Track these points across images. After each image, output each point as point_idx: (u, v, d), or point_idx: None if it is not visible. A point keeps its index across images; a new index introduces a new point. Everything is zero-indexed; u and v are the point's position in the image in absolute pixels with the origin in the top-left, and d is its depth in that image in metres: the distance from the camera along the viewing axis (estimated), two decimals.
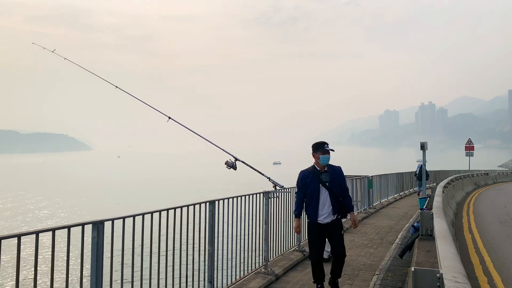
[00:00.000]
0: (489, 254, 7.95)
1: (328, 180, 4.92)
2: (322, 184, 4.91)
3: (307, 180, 5.00)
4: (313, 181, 4.94)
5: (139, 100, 4.73)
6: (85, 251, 3.46)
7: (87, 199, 45.07)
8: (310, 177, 4.97)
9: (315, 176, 4.95)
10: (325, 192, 4.92)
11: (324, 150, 4.91)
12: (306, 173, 5.06)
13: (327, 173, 4.97)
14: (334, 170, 5.03)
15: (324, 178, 4.94)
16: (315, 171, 5.00)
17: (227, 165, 3.95)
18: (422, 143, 15.07)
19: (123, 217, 3.85)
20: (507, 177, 38.06)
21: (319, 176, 4.95)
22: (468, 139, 32.04)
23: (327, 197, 4.92)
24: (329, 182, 4.92)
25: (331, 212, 4.94)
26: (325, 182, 4.91)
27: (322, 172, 4.97)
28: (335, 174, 5.01)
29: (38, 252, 3.05)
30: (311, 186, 4.95)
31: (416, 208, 13.67)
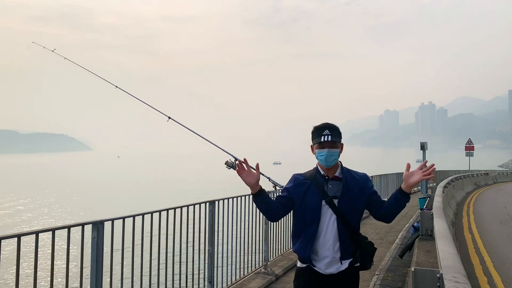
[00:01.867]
0: (489, 254, 7.95)
1: (338, 194, 2.72)
2: (326, 201, 2.71)
3: (300, 190, 2.77)
4: (311, 194, 2.74)
5: (139, 100, 4.73)
6: (85, 251, 3.46)
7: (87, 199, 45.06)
8: (306, 186, 2.77)
9: (316, 186, 2.75)
10: (331, 216, 2.71)
11: (320, 142, 2.71)
12: (301, 178, 2.82)
13: (337, 182, 2.76)
14: (352, 179, 2.78)
15: (331, 191, 2.74)
16: (317, 177, 2.79)
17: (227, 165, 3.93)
18: (422, 143, 15.09)
19: (123, 217, 3.85)
20: (507, 177, 38.05)
21: (322, 187, 2.75)
22: (468, 139, 32.05)
23: (334, 225, 2.70)
24: (341, 199, 2.71)
25: (338, 254, 2.71)
26: (333, 198, 2.72)
27: (329, 179, 2.77)
28: (354, 186, 2.75)
29: (38, 252, 3.05)
30: (306, 201, 2.74)
31: (416, 208, 13.67)
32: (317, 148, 2.74)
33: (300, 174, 2.87)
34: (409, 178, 2.63)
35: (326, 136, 2.67)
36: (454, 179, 19.09)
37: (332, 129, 2.70)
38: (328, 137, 2.66)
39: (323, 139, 2.66)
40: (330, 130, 2.69)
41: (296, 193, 2.76)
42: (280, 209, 2.75)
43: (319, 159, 2.73)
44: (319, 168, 2.81)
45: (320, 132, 2.71)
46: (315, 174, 2.78)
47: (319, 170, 2.80)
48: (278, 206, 2.74)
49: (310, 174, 2.81)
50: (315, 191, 2.72)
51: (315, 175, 2.78)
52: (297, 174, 2.89)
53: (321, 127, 2.72)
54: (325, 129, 2.71)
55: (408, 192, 2.63)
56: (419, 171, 2.62)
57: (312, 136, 2.76)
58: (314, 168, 2.85)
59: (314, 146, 2.77)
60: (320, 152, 2.71)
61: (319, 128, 2.74)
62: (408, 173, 2.65)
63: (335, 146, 2.69)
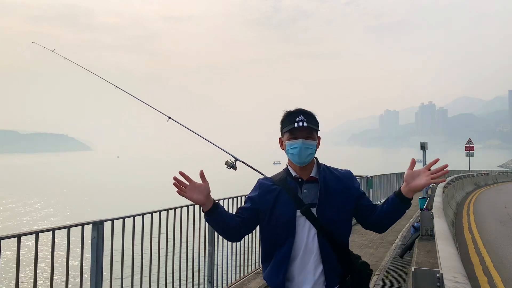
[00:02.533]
0: (489, 254, 7.95)
1: (316, 200, 2.10)
2: (302, 211, 2.09)
3: (268, 199, 2.16)
4: (283, 203, 2.12)
5: (139, 100, 4.73)
6: (85, 251, 3.47)
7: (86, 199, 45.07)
8: (275, 194, 2.15)
9: (288, 192, 2.13)
10: (310, 229, 2.09)
11: (292, 128, 2.10)
12: (268, 184, 2.21)
13: (314, 184, 2.15)
14: (333, 179, 2.18)
15: (306, 197, 2.13)
16: (288, 180, 2.18)
17: (227, 165, 3.92)
18: (422, 143, 15.10)
19: (123, 217, 3.85)
20: (507, 177, 38.06)
21: (296, 192, 2.14)
22: (468, 139, 32.06)
23: (315, 241, 2.07)
24: (320, 206, 2.10)
25: (322, 279, 2.07)
26: (310, 206, 2.10)
27: (304, 182, 2.16)
28: (336, 188, 2.15)
29: (38, 252, 3.05)
30: (277, 213, 2.12)
31: (416, 208, 13.67)
32: (288, 139, 2.11)
33: (266, 178, 2.30)
34: (412, 179, 2.00)
35: (301, 122, 2.06)
36: (454, 179, 19.10)
37: (307, 115, 2.11)
38: (304, 123, 2.06)
39: (296, 125, 2.06)
40: (306, 115, 2.10)
41: (263, 203, 2.13)
42: (241, 226, 2.13)
43: (291, 153, 2.12)
44: (290, 168, 2.19)
45: (292, 117, 2.10)
46: (285, 177, 2.16)
47: (289, 171, 2.18)
48: (239, 223, 2.12)
49: (279, 177, 2.19)
50: (286, 199, 2.09)
51: (285, 178, 2.16)
52: (262, 178, 2.30)
53: (294, 111, 2.12)
54: (299, 114, 2.10)
55: (409, 197, 2.02)
56: (426, 172, 1.99)
57: (282, 125, 2.16)
58: (283, 170, 2.23)
59: (284, 137, 2.15)
60: (292, 144, 2.09)
61: (291, 113, 2.12)
62: (411, 172, 2.01)
63: (312, 137, 2.10)
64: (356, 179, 2.27)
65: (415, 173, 2.02)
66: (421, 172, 2.01)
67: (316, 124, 2.14)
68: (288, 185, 2.15)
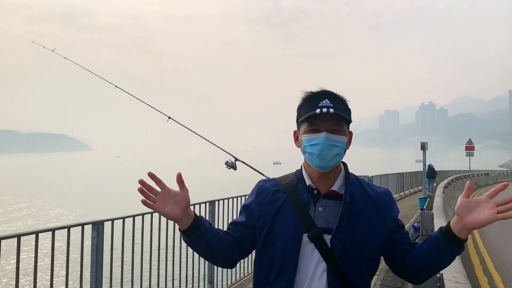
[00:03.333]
0: (489, 254, 7.95)
1: (334, 226, 1.46)
2: (311, 237, 1.45)
3: (268, 211, 1.53)
4: (286, 219, 1.49)
5: (139, 99, 4.73)
6: (85, 251, 3.46)
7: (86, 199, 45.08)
8: (279, 205, 1.52)
9: (295, 205, 1.50)
10: (319, 263, 1.45)
11: (312, 116, 1.44)
12: (271, 189, 1.57)
13: (335, 202, 1.50)
14: (365, 200, 1.52)
15: (321, 218, 1.48)
16: (299, 189, 1.53)
17: (227, 165, 3.92)
18: (422, 143, 15.08)
19: (123, 217, 3.85)
20: (507, 177, 38.06)
21: (306, 208, 1.49)
22: (468, 139, 32.06)
23: (323, 279, 1.44)
24: (338, 234, 1.45)
25: None
26: (323, 232, 1.46)
27: (321, 195, 1.51)
28: (368, 213, 1.50)
29: (38, 252, 3.05)
30: (276, 232, 1.50)
31: (416, 208, 13.67)
32: (306, 132, 1.47)
33: (270, 179, 1.63)
34: (469, 212, 1.33)
35: (326, 108, 1.42)
36: (455, 179, 19.11)
37: (336, 98, 1.48)
38: (329, 109, 1.42)
39: (319, 111, 1.41)
40: (333, 99, 1.46)
41: (262, 217, 1.52)
42: (233, 250, 1.53)
43: (308, 152, 1.47)
44: (305, 173, 1.54)
45: (314, 100, 1.46)
46: (296, 184, 1.52)
47: (303, 176, 1.53)
48: (231, 246, 1.53)
49: (287, 182, 1.55)
50: (292, 215, 1.47)
51: (295, 185, 1.52)
52: (264, 180, 1.64)
53: (317, 93, 1.49)
54: (323, 96, 1.46)
55: (462, 237, 1.36)
56: (489, 203, 1.32)
57: (299, 111, 1.52)
58: (295, 172, 1.59)
59: (301, 130, 1.50)
60: (311, 140, 1.45)
61: (313, 94, 1.49)
62: (467, 202, 1.34)
63: (340, 131, 1.47)
64: (395, 204, 1.60)
65: (473, 203, 1.33)
66: (481, 203, 1.33)
67: (348, 113, 1.50)
68: (298, 196, 1.49)
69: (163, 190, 1.41)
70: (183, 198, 1.42)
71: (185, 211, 1.43)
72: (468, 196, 1.36)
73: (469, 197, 1.35)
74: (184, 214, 1.43)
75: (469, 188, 1.36)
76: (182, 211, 1.42)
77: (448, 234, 1.38)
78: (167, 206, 1.40)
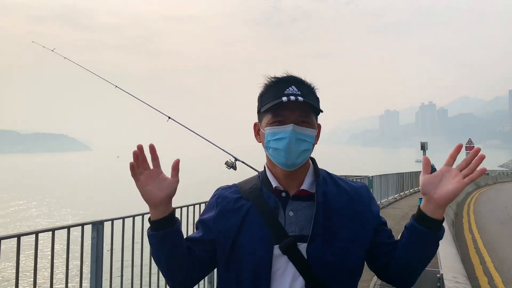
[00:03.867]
0: (489, 254, 7.94)
1: (308, 230, 1.24)
2: (283, 249, 1.23)
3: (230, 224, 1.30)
4: (252, 231, 1.26)
5: (139, 99, 4.72)
6: (85, 251, 3.46)
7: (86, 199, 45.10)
8: (242, 214, 1.29)
9: (262, 213, 1.27)
10: (295, 278, 1.22)
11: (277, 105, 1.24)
12: (231, 197, 1.34)
13: (307, 203, 1.29)
14: (339, 196, 1.32)
15: (293, 225, 1.26)
16: (265, 193, 1.31)
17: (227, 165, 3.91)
18: (422, 143, 15.09)
19: (123, 217, 3.84)
20: (507, 177, 38.08)
21: (275, 214, 1.27)
22: (468, 139, 32.06)
23: None
24: (314, 241, 1.23)
25: None
26: (296, 240, 1.24)
27: (290, 197, 1.30)
28: (343, 210, 1.29)
29: (38, 252, 3.05)
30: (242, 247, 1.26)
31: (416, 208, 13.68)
32: (269, 124, 1.27)
33: (230, 187, 1.40)
34: (435, 188, 1.20)
35: (294, 96, 1.22)
36: None
37: (303, 85, 1.29)
38: (297, 97, 1.22)
39: (286, 99, 1.21)
40: (301, 86, 1.28)
41: (222, 232, 1.29)
42: (192, 268, 1.32)
43: (272, 148, 1.27)
44: (269, 173, 1.34)
45: (279, 87, 1.27)
46: (260, 188, 1.32)
47: (267, 178, 1.33)
48: (190, 262, 1.31)
49: (250, 186, 1.34)
50: (259, 225, 1.26)
51: (259, 190, 1.32)
52: (224, 187, 1.41)
53: (283, 79, 1.29)
54: (290, 82, 1.27)
55: (437, 217, 1.21)
56: (451, 171, 1.21)
57: (261, 100, 1.33)
58: (258, 175, 1.40)
59: (263, 121, 1.30)
60: (275, 133, 1.25)
61: (278, 81, 1.29)
62: (429, 178, 1.21)
63: (309, 123, 1.27)
64: (374, 200, 1.40)
65: (435, 178, 1.21)
66: (444, 174, 1.20)
67: (317, 102, 1.30)
68: (264, 201, 1.28)
69: (154, 169, 1.25)
70: (170, 186, 1.24)
71: (165, 201, 1.24)
72: (428, 172, 1.22)
73: (430, 173, 1.22)
74: (163, 203, 1.23)
75: (426, 163, 1.23)
76: (161, 199, 1.23)
77: (422, 219, 1.22)
78: (150, 186, 1.23)
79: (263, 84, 1.33)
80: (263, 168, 1.39)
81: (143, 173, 1.23)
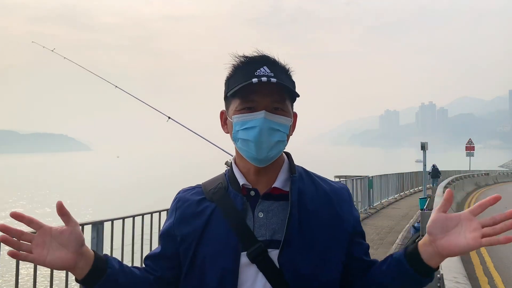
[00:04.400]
0: (490, 255, 7.94)
1: (281, 237, 1.06)
2: (251, 256, 1.04)
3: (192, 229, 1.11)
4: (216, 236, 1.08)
5: (139, 99, 4.72)
6: None
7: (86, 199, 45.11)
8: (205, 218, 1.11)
9: (228, 216, 1.09)
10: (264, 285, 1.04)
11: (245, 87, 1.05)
12: (193, 199, 1.15)
13: (279, 204, 1.11)
14: (316, 196, 1.13)
15: (263, 228, 1.08)
16: (231, 192, 1.14)
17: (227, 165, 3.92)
18: (422, 143, 15.10)
19: (123, 218, 3.84)
20: (507, 177, 38.07)
21: (243, 217, 1.09)
22: (468, 139, 32.08)
23: None
24: (288, 248, 1.05)
25: None
26: (267, 246, 1.06)
27: (260, 197, 1.12)
28: (320, 213, 1.11)
29: None
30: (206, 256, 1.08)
31: (416, 208, 13.67)
32: (238, 111, 1.10)
33: (193, 188, 1.22)
34: (445, 232, 0.97)
35: (265, 77, 1.05)
36: (455, 179, 19.11)
37: (276, 65, 1.12)
38: (270, 78, 1.05)
39: (256, 80, 1.04)
40: (273, 66, 1.11)
41: (184, 240, 1.12)
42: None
43: (241, 139, 1.09)
44: (236, 170, 1.18)
45: (250, 68, 1.09)
46: (226, 186, 1.16)
47: (235, 175, 1.17)
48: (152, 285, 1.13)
49: (214, 186, 1.17)
50: (224, 229, 1.09)
51: (225, 189, 1.15)
52: (185, 189, 1.23)
53: (253, 59, 1.11)
54: (261, 63, 1.10)
55: (432, 265, 1.01)
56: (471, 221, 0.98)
57: (228, 83, 1.15)
58: (225, 171, 1.23)
59: (231, 108, 1.13)
60: (245, 121, 1.08)
61: (248, 61, 1.12)
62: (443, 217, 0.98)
63: (283, 109, 1.10)
64: (353, 204, 1.24)
65: (450, 221, 0.97)
66: (462, 221, 0.97)
67: (292, 84, 1.14)
68: (230, 201, 1.12)
69: (40, 232, 0.97)
70: (72, 236, 0.98)
71: (79, 253, 0.99)
72: (446, 210, 0.97)
73: (447, 212, 0.97)
74: (78, 258, 1.00)
75: (447, 199, 0.97)
76: (74, 255, 0.98)
77: (414, 259, 1.01)
78: (50, 252, 0.97)
79: (231, 65, 1.13)
80: (230, 164, 1.21)
81: (32, 247, 0.96)
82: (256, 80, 1.04)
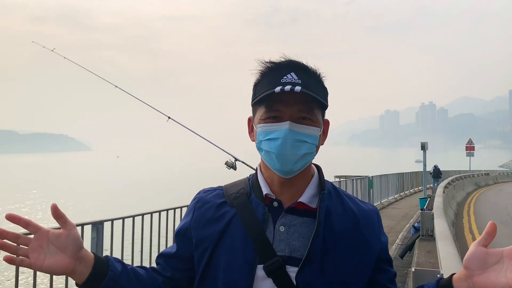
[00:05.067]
0: None
1: (302, 255, 0.99)
2: (267, 270, 0.98)
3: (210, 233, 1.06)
4: (233, 245, 1.03)
5: (139, 99, 4.72)
6: None
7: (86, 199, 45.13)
8: (224, 224, 1.05)
9: (246, 225, 1.03)
10: None
11: (270, 96, 0.98)
12: (214, 202, 1.10)
13: (304, 220, 1.04)
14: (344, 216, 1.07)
15: (282, 242, 1.02)
16: (254, 200, 1.07)
17: (227, 165, 3.90)
18: (422, 143, 15.10)
19: (123, 218, 3.84)
20: (507, 177, 38.06)
21: (262, 227, 1.02)
22: (468, 139, 32.07)
23: None
24: (308, 267, 0.99)
25: None
26: (285, 262, 0.99)
27: (284, 209, 1.05)
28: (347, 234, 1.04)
29: None
30: (220, 264, 1.02)
31: (416, 208, 13.67)
32: (262, 120, 1.04)
33: (214, 189, 1.17)
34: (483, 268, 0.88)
35: (292, 85, 0.98)
36: (455, 179, 19.11)
37: (305, 72, 1.04)
38: (297, 86, 0.97)
39: (279, 89, 0.97)
40: (302, 72, 1.03)
41: (201, 241, 1.07)
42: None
43: (265, 150, 1.03)
44: (261, 177, 1.11)
45: (276, 75, 1.02)
46: (248, 193, 1.10)
47: (258, 182, 1.10)
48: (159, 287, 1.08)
49: (236, 190, 1.12)
50: (242, 237, 1.04)
51: (247, 195, 1.09)
52: (206, 190, 1.18)
53: (280, 64, 1.04)
54: (288, 69, 1.02)
55: None
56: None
57: (255, 90, 1.07)
58: (249, 177, 1.16)
59: (257, 116, 1.07)
60: (269, 132, 1.02)
61: (274, 67, 1.05)
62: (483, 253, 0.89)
63: (312, 119, 1.03)
64: (382, 228, 1.15)
65: (491, 256, 0.88)
66: (505, 258, 0.88)
67: (323, 94, 1.06)
68: (251, 210, 1.06)
69: (37, 235, 0.92)
70: (69, 239, 0.94)
71: (77, 257, 0.94)
72: (487, 245, 0.88)
73: (487, 246, 0.88)
74: (77, 262, 0.95)
75: (489, 232, 0.88)
76: (72, 259, 0.94)
77: None
78: (47, 257, 0.92)
79: (258, 71, 1.06)
80: (255, 169, 1.15)
81: (28, 251, 0.91)
82: (279, 89, 0.97)
